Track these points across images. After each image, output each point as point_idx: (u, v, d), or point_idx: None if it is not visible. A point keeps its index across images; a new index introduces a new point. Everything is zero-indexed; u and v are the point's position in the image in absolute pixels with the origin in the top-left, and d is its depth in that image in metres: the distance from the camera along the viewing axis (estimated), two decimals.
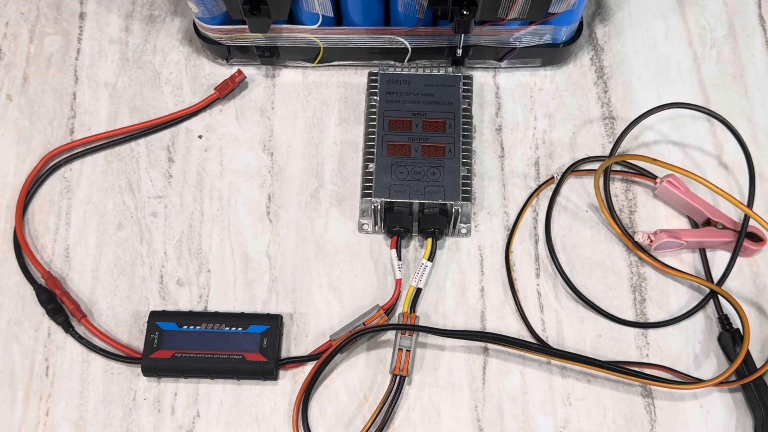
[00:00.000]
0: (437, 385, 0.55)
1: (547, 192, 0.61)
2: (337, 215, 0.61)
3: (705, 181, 0.55)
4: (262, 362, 0.54)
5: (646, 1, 0.69)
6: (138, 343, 0.56)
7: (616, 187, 0.62)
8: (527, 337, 0.57)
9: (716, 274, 0.58)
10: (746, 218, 0.57)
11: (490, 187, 0.62)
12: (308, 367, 0.55)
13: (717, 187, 0.55)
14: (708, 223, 0.59)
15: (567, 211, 0.61)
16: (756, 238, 0.58)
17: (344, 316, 0.57)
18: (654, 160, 0.58)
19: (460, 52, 0.63)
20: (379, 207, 0.57)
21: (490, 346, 0.56)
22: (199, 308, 0.58)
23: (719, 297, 0.57)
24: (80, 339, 0.56)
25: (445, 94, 0.61)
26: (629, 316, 0.57)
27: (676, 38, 0.67)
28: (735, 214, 0.59)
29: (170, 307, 0.58)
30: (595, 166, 0.62)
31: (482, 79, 0.66)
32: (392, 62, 0.64)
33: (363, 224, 0.60)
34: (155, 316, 0.56)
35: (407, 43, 0.62)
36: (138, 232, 0.60)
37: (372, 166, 0.58)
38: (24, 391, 0.55)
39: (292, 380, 0.56)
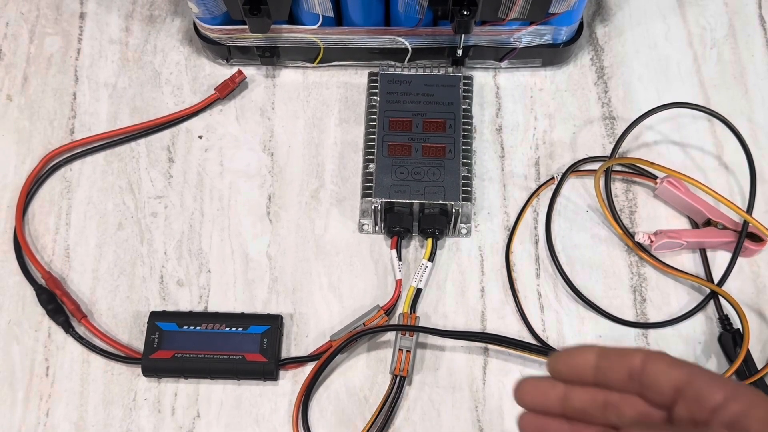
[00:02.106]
0: (437, 386, 0.55)
1: (548, 192, 0.61)
2: (338, 215, 0.61)
3: (704, 186, 0.55)
4: (263, 362, 0.54)
5: (646, 1, 0.69)
6: (138, 344, 0.56)
7: (616, 188, 0.62)
8: (527, 337, 0.57)
9: (717, 274, 0.58)
10: None
11: (490, 188, 0.62)
12: (308, 368, 0.55)
13: (716, 192, 0.55)
14: (708, 223, 0.59)
15: (567, 212, 0.61)
16: (756, 239, 0.58)
17: (344, 317, 0.57)
18: (651, 164, 0.58)
19: (460, 52, 0.63)
20: (379, 207, 0.57)
21: (491, 346, 0.56)
22: (199, 308, 0.58)
23: (719, 297, 0.57)
24: (80, 339, 0.56)
25: (446, 95, 0.61)
26: (629, 317, 0.57)
27: (677, 38, 0.67)
28: (735, 215, 0.59)
29: (170, 308, 0.58)
30: (596, 166, 0.62)
31: (482, 79, 0.66)
32: (392, 62, 0.64)
33: (363, 224, 0.60)
34: (155, 317, 0.56)
35: (407, 44, 0.62)
36: (138, 233, 0.60)
37: (372, 167, 0.58)
38: (24, 391, 0.55)
39: (292, 381, 0.56)
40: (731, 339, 0.55)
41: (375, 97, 0.61)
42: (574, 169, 0.61)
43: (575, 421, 0.34)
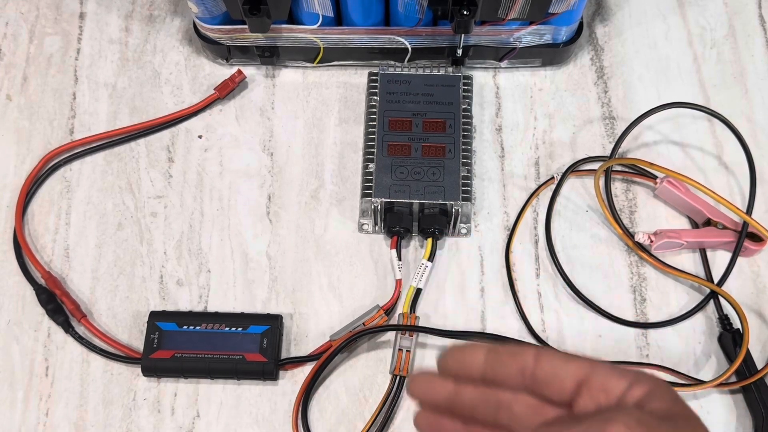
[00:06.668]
0: None
1: (547, 192, 0.61)
2: (337, 215, 0.61)
3: (703, 187, 0.55)
4: (262, 362, 0.54)
5: (646, 1, 0.69)
6: (138, 344, 0.56)
7: (616, 187, 0.62)
8: (527, 337, 0.57)
9: (716, 274, 0.58)
10: None
11: (490, 188, 0.62)
12: (308, 368, 0.55)
13: (715, 193, 0.55)
14: (708, 223, 0.59)
15: (567, 212, 0.61)
16: (756, 238, 0.58)
17: (344, 317, 0.57)
18: (651, 164, 0.58)
19: (460, 52, 0.63)
20: (379, 207, 0.57)
21: None
22: (199, 308, 0.58)
23: (719, 297, 0.57)
24: (80, 339, 0.56)
25: (445, 94, 0.61)
26: (629, 317, 0.57)
27: (676, 38, 0.67)
28: (735, 214, 0.59)
29: (170, 307, 0.58)
30: (595, 166, 0.62)
31: (482, 79, 0.66)
32: (392, 62, 0.64)
33: (363, 224, 0.60)
34: (155, 316, 0.56)
35: (407, 43, 0.62)
36: (138, 232, 0.60)
37: (372, 166, 0.58)
38: (24, 391, 0.55)
39: (292, 380, 0.56)
40: (731, 339, 0.55)
41: (375, 97, 0.61)
42: (573, 169, 0.61)
43: (470, 422, 0.34)
